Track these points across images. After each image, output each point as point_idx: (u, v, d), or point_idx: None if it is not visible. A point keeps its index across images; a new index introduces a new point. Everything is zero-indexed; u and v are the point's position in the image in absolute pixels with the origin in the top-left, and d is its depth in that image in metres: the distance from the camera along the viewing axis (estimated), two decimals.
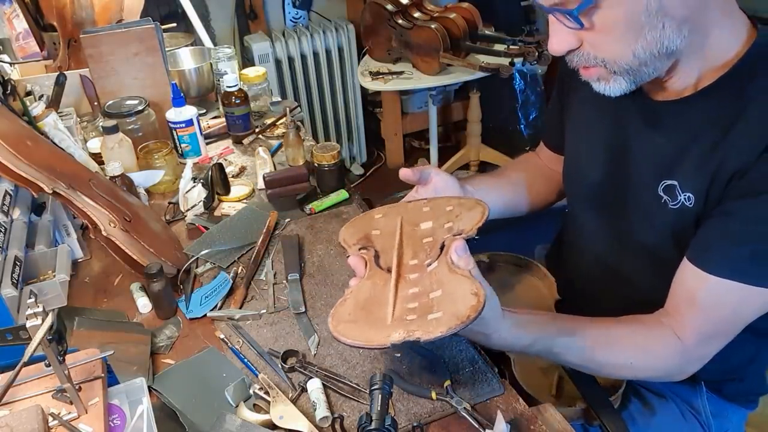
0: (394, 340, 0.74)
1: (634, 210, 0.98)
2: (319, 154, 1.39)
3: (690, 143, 0.88)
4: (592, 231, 1.10)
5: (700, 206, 0.87)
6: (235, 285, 1.14)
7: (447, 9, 2.61)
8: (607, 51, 0.82)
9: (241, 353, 0.99)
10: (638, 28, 0.78)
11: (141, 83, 1.58)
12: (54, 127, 1.42)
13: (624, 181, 0.99)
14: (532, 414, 0.88)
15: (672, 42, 0.80)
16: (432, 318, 0.75)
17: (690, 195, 0.88)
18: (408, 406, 0.89)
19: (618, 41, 0.80)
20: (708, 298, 0.86)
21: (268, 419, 0.86)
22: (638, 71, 0.83)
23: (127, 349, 0.97)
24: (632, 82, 0.85)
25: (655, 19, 0.77)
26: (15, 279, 1.05)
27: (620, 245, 1.04)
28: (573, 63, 0.87)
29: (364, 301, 0.82)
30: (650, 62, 0.82)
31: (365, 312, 0.80)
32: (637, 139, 0.96)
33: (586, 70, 0.87)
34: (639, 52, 0.80)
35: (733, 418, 1.12)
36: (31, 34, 1.88)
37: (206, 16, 2.86)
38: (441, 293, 0.78)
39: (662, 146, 0.92)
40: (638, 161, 0.96)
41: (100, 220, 1.10)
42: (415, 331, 0.73)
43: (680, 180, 0.89)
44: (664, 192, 0.91)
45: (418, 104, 3.40)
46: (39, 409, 0.76)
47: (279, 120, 1.71)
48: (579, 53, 0.85)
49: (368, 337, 0.76)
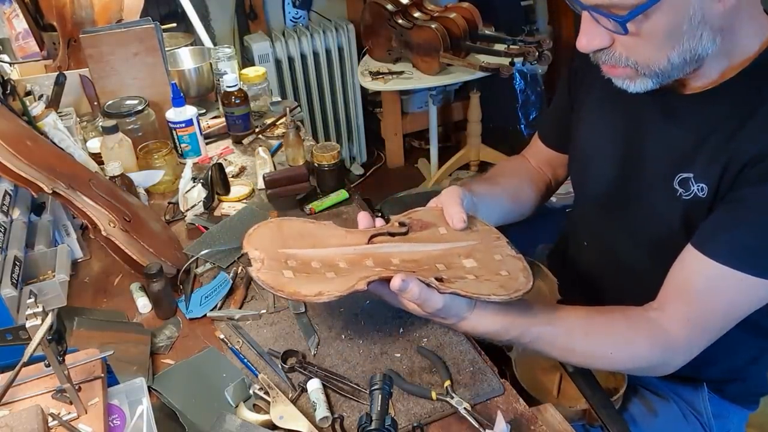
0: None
1: (646, 204, 0.98)
2: (319, 154, 1.39)
3: (707, 136, 0.88)
4: (603, 227, 1.09)
5: (711, 196, 0.87)
6: (235, 285, 1.14)
7: (447, 9, 2.61)
8: (642, 55, 0.82)
9: (241, 353, 0.99)
10: (678, 36, 0.79)
11: (141, 83, 1.58)
12: (54, 127, 1.42)
13: (639, 176, 0.98)
14: (533, 414, 0.88)
15: (705, 50, 0.81)
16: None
17: (703, 185, 0.88)
18: (408, 406, 0.89)
19: (655, 47, 0.81)
20: (704, 284, 0.85)
21: (268, 419, 0.86)
22: (668, 74, 0.84)
23: (127, 349, 0.97)
24: (657, 83, 0.86)
25: (696, 29, 0.78)
26: (15, 279, 1.05)
27: (631, 241, 1.03)
28: (599, 60, 0.87)
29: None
30: (681, 67, 0.83)
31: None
32: (654, 132, 0.96)
33: (613, 69, 0.87)
34: (674, 58, 0.81)
35: (734, 419, 1.12)
36: (31, 34, 1.88)
37: (206, 16, 2.86)
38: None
39: (679, 139, 0.92)
40: (654, 155, 0.96)
41: (99, 220, 1.10)
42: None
43: (695, 172, 0.89)
44: (679, 185, 0.91)
45: (418, 104, 3.40)
46: (39, 409, 0.76)
47: (279, 120, 1.70)
48: (609, 52, 0.84)
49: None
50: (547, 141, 1.25)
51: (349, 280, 0.83)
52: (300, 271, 0.86)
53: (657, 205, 0.95)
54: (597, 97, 1.04)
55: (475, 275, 0.85)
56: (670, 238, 0.94)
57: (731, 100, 0.86)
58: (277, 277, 0.84)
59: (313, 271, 0.86)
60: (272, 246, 0.89)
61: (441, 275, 0.84)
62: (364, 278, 0.82)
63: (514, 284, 0.84)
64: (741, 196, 0.83)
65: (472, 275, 0.85)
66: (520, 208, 1.20)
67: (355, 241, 0.92)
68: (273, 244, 0.90)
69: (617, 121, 1.01)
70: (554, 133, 1.22)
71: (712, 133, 0.87)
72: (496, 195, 1.13)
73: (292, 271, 0.86)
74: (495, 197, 1.12)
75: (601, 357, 0.90)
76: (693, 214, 0.90)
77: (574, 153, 1.14)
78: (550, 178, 1.26)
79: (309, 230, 0.94)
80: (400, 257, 0.89)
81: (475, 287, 0.83)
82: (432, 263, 0.87)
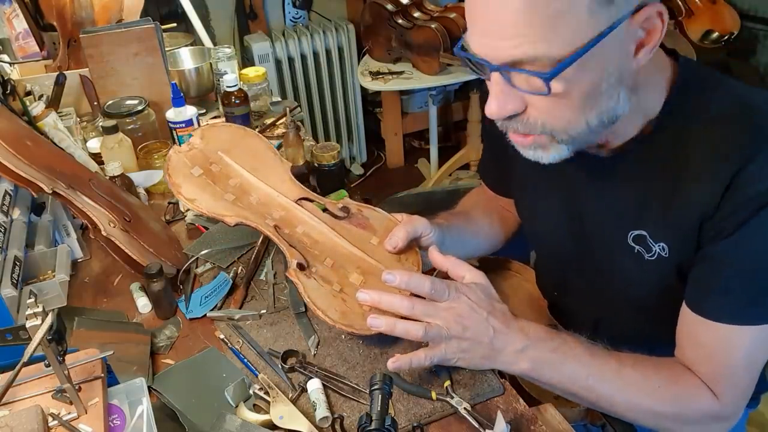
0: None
1: (608, 267, 0.95)
2: (319, 154, 1.39)
3: (646, 192, 0.85)
4: (568, 285, 1.07)
5: (675, 255, 0.85)
6: (235, 285, 1.13)
7: (447, 9, 2.62)
8: (559, 119, 0.75)
9: (241, 353, 0.99)
10: (597, 96, 0.74)
11: (141, 83, 1.58)
12: (54, 127, 1.42)
13: (591, 240, 0.96)
14: (533, 414, 0.88)
15: (622, 109, 0.77)
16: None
17: (663, 245, 0.85)
18: (408, 406, 0.89)
19: (574, 110, 0.74)
20: (716, 345, 0.83)
21: (268, 419, 0.86)
22: (584, 140, 0.78)
23: (127, 349, 0.97)
24: (572, 150, 0.80)
25: (613, 88, 0.74)
26: (15, 279, 1.05)
27: (599, 298, 1.01)
28: (507, 128, 0.79)
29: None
30: (598, 130, 0.77)
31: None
32: (592, 195, 0.92)
33: (523, 138, 0.79)
34: (592, 120, 0.75)
35: None
36: (31, 34, 1.88)
37: (206, 16, 2.86)
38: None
39: (619, 199, 0.89)
40: (599, 217, 0.93)
41: (99, 220, 1.10)
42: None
43: (650, 230, 0.86)
44: (634, 242, 0.88)
45: (418, 104, 3.40)
46: (39, 409, 0.76)
47: (279, 120, 1.70)
48: (521, 120, 0.76)
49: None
50: (491, 187, 1.20)
51: (241, 214, 0.88)
52: (211, 178, 0.87)
53: (621, 268, 0.92)
54: (526, 164, 0.88)
55: (341, 289, 0.87)
56: (644, 298, 0.92)
57: (654, 155, 0.83)
58: (184, 169, 0.85)
59: (221, 185, 0.88)
60: (217, 144, 0.91)
61: (312, 266, 0.86)
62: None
63: (351, 320, 0.87)
64: (712, 253, 0.80)
65: (338, 287, 0.86)
66: (489, 245, 1.19)
67: (288, 192, 0.92)
68: (220, 143, 0.91)
69: (554, 188, 0.98)
70: (495, 182, 1.18)
71: (648, 189, 0.85)
72: (467, 232, 1.12)
73: (205, 173, 0.87)
74: (465, 234, 1.11)
75: (645, 412, 0.87)
76: (662, 274, 0.87)
77: (522, 214, 1.09)
78: (512, 214, 1.22)
79: (264, 155, 0.95)
80: (307, 230, 0.89)
81: (319, 296, 0.84)
82: (327, 254, 0.88)
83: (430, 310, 0.84)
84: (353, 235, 0.93)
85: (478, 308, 0.85)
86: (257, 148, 0.95)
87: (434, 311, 0.85)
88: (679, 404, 0.86)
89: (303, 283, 0.85)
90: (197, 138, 0.88)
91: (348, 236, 0.92)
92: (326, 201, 0.96)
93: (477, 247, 1.17)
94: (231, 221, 0.86)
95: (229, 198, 0.87)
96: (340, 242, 0.91)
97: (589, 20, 0.68)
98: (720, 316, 0.81)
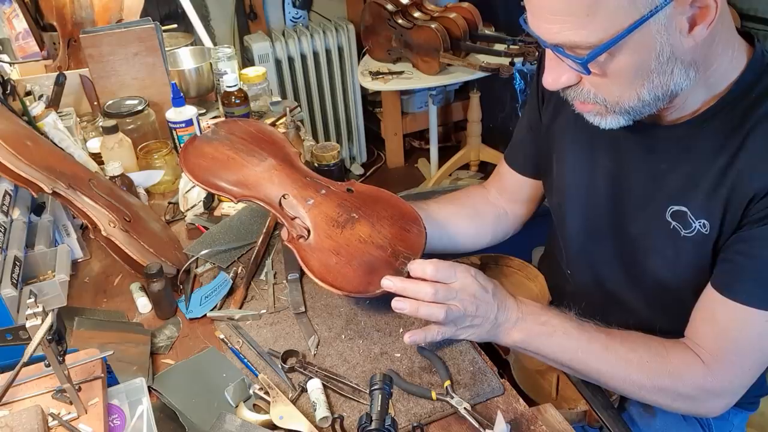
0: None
1: (642, 242, 0.95)
2: (319, 154, 1.39)
3: (695, 169, 0.86)
4: (590, 259, 1.06)
5: (716, 233, 0.85)
6: (235, 285, 1.13)
7: (447, 9, 2.62)
8: (610, 93, 0.80)
9: (241, 353, 0.99)
10: (646, 73, 0.76)
11: (141, 83, 1.58)
12: (54, 127, 1.42)
13: (630, 211, 0.96)
14: (533, 414, 0.88)
15: (678, 85, 0.78)
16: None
17: (705, 222, 0.86)
18: (408, 406, 0.89)
19: (623, 85, 0.78)
20: (740, 330, 0.84)
21: (268, 419, 0.86)
22: (639, 111, 0.81)
23: (127, 349, 0.97)
24: (630, 120, 0.83)
25: (665, 65, 0.76)
26: (15, 279, 1.05)
27: (627, 277, 1.01)
28: (568, 96, 0.84)
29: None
30: (653, 103, 0.80)
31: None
32: (638, 166, 0.93)
33: (583, 105, 0.84)
34: (644, 95, 0.78)
35: (734, 420, 1.12)
36: (31, 33, 1.88)
37: (206, 16, 2.86)
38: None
39: (665, 171, 0.89)
40: (641, 190, 0.93)
41: (99, 220, 1.10)
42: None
43: (691, 207, 0.87)
44: (672, 218, 0.89)
45: (418, 104, 3.40)
46: (39, 410, 0.76)
47: (279, 120, 1.70)
48: (577, 89, 0.82)
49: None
50: (519, 169, 1.19)
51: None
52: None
53: (655, 243, 0.93)
54: (572, 129, 0.98)
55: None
56: (675, 277, 0.92)
57: (714, 131, 0.84)
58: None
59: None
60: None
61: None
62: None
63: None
64: (755, 235, 0.81)
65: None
66: (469, 243, 1.21)
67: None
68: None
69: (601, 156, 0.98)
70: (527, 162, 1.17)
71: (699, 166, 0.85)
72: (449, 232, 1.15)
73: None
74: (448, 233, 1.14)
75: (632, 383, 0.89)
76: (699, 252, 0.88)
77: (559, 187, 1.09)
78: (509, 216, 1.22)
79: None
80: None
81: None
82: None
83: (450, 294, 0.89)
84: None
85: (485, 286, 0.91)
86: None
87: (453, 294, 0.89)
88: (670, 377, 0.87)
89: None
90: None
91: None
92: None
93: (452, 236, 1.17)
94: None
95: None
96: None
97: (628, 7, 0.70)
98: (746, 299, 0.82)
